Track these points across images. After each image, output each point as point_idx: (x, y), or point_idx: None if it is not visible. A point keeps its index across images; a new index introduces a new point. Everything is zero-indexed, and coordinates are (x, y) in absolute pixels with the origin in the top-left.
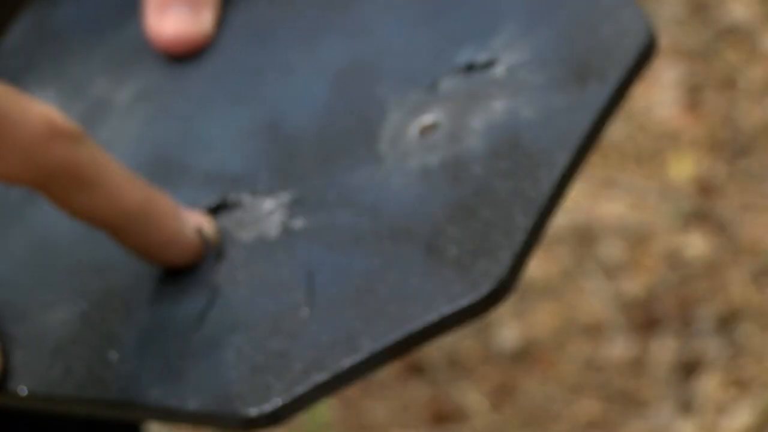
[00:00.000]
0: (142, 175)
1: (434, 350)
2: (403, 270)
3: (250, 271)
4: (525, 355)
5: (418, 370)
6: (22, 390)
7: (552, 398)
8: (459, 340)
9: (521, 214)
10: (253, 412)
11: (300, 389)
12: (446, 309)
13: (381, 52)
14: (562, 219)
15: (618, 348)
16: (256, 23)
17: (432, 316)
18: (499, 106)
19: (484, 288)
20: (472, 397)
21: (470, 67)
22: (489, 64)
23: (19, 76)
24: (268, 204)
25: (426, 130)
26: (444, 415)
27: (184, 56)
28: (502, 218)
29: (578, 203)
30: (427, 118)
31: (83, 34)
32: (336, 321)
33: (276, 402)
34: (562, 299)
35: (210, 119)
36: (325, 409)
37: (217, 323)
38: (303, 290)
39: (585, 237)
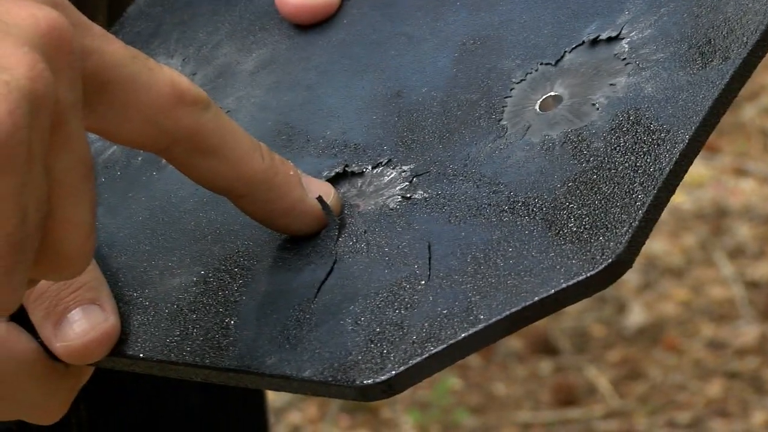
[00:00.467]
0: (265, 143)
1: (562, 330)
2: (522, 243)
3: (369, 241)
4: (651, 337)
5: (545, 349)
6: (138, 354)
7: (677, 383)
8: (587, 322)
9: (641, 190)
10: (369, 381)
11: (415, 360)
12: (563, 283)
13: (505, 25)
14: (690, 201)
15: (745, 331)
16: None
17: (549, 291)
18: (622, 82)
19: (602, 263)
20: (598, 381)
21: (595, 43)
22: (613, 40)
23: (145, 41)
24: (390, 175)
25: (548, 104)
26: (569, 396)
27: (310, 24)
28: (622, 194)
29: (707, 186)
30: (550, 92)
31: (211, 0)
32: (453, 292)
33: (391, 372)
34: (689, 282)
35: (333, 89)
36: (452, 378)
37: (335, 292)
38: (421, 261)
39: (714, 220)
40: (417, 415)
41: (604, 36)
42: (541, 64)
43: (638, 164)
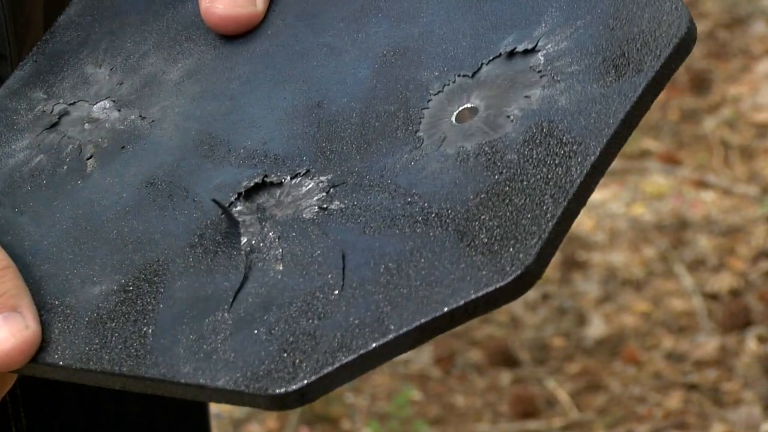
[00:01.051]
0: (188, 153)
1: (522, 342)
2: (434, 254)
3: (284, 249)
4: (611, 349)
5: (505, 361)
6: (58, 362)
7: (636, 395)
8: (547, 333)
9: (551, 202)
10: (281, 390)
11: (327, 369)
12: (473, 294)
13: (425, 36)
14: (651, 213)
15: (704, 344)
16: (306, 4)
17: (458, 301)
18: (536, 94)
19: (511, 274)
20: (557, 393)
21: (511, 55)
22: (530, 52)
23: (75, 50)
24: (307, 185)
25: (464, 116)
26: (528, 408)
27: (235, 35)
28: (533, 205)
29: (668, 198)
30: (466, 104)
31: (140, 10)
32: (365, 302)
33: (303, 381)
34: (649, 294)
35: (256, 99)
36: (411, 390)
37: (249, 301)
38: (335, 271)
39: (674, 232)
40: (376, 426)
41: (520, 48)
42: (459, 75)
43: (550, 176)
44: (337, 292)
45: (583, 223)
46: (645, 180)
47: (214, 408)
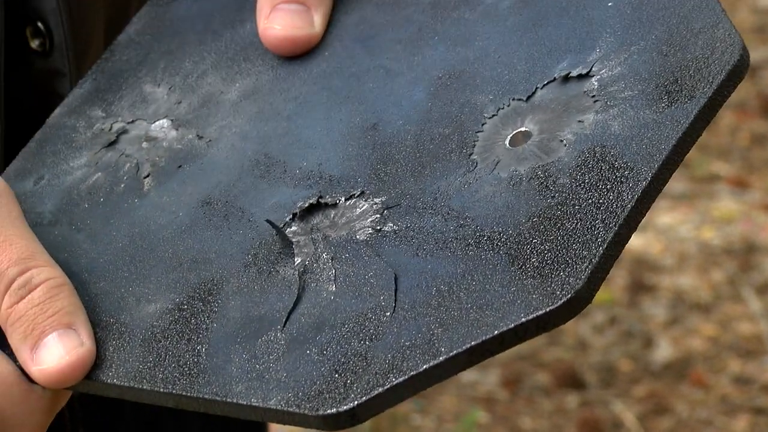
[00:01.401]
0: (244, 173)
1: (589, 365)
2: (485, 277)
3: (337, 270)
4: (678, 372)
5: (572, 384)
6: (112, 380)
7: (703, 418)
8: (614, 356)
9: (602, 227)
10: (332, 411)
11: (377, 390)
12: (523, 318)
13: (481, 60)
14: (720, 237)
15: None
16: (364, 26)
17: (509, 324)
18: (590, 119)
19: (561, 298)
20: (624, 415)
21: (566, 79)
22: (584, 77)
23: (134, 68)
24: (362, 207)
25: (518, 139)
26: (594, 431)
27: (293, 55)
28: (584, 230)
29: (737, 222)
30: (520, 128)
31: (199, 30)
32: (416, 324)
33: (353, 402)
34: (716, 317)
35: (312, 120)
36: (478, 411)
37: (302, 321)
38: (387, 293)
39: (743, 255)
40: None
41: (575, 73)
42: (513, 99)
43: (601, 201)
44: (389, 313)
45: (652, 246)
46: (714, 204)
47: (279, 427)
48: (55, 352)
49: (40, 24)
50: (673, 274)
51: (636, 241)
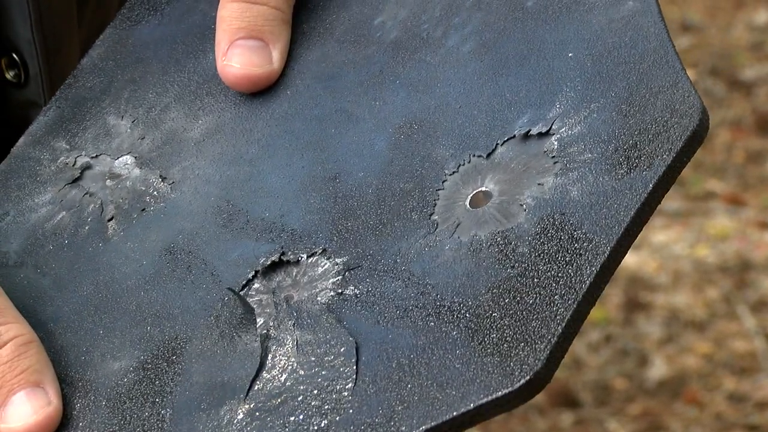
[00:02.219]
0: (207, 221)
1: (584, 383)
2: (445, 352)
3: (299, 336)
4: (673, 390)
5: (566, 402)
6: None
7: None
8: (609, 375)
9: (561, 303)
10: None
11: None
12: (483, 399)
13: (441, 109)
14: (714, 255)
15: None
16: (325, 65)
17: (468, 406)
18: (549, 182)
19: (520, 380)
20: None
21: (526, 137)
22: (544, 135)
23: (97, 97)
24: (324, 266)
25: (478, 200)
26: None
27: (253, 92)
28: (543, 306)
29: (732, 239)
30: (481, 187)
31: (162, 58)
32: (377, 400)
33: None
34: (711, 335)
35: (274, 166)
36: (473, 430)
37: (265, 391)
38: (349, 364)
39: (737, 273)
40: None
41: (535, 131)
42: (474, 156)
43: (560, 275)
44: (350, 386)
45: (646, 264)
46: (709, 221)
47: None
48: (23, 411)
49: (14, 55)
50: (667, 292)
51: (631, 259)
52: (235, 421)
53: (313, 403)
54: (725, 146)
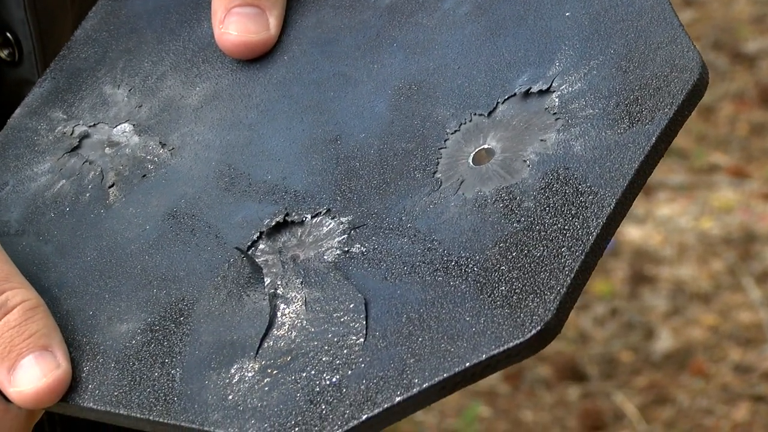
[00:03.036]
0: (209, 185)
1: (590, 357)
2: (455, 305)
3: (307, 296)
4: (679, 362)
5: (573, 376)
6: (88, 404)
7: (704, 407)
8: (615, 348)
9: (569, 255)
10: None
11: (352, 423)
12: (494, 350)
13: (440, 71)
14: (719, 227)
15: None
16: (322, 29)
17: (480, 357)
18: (552, 138)
19: (531, 330)
20: (625, 406)
21: (527, 95)
22: (544, 93)
23: (92, 68)
24: (328, 225)
25: (481, 157)
26: (596, 422)
27: (250, 59)
28: (551, 258)
29: (736, 211)
30: (483, 145)
31: (156, 27)
32: (389, 354)
33: None
34: (716, 307)
35: (274, 129)
36: (480, 406)
37: (275, 348)
38: (358, 319)
39: (742, 245)
40: None
41: (535, 88)
42: (475, 114)
43: (566, 227)
44: (361, 341)
45: (651, 237)
46: (713, 194)
47: None
48: (33, 374)
49: (8, 34)
50: (673, 264)
51: (636, 233)
52: (246, 379)
53: (323, 359)
54: (729, 119)
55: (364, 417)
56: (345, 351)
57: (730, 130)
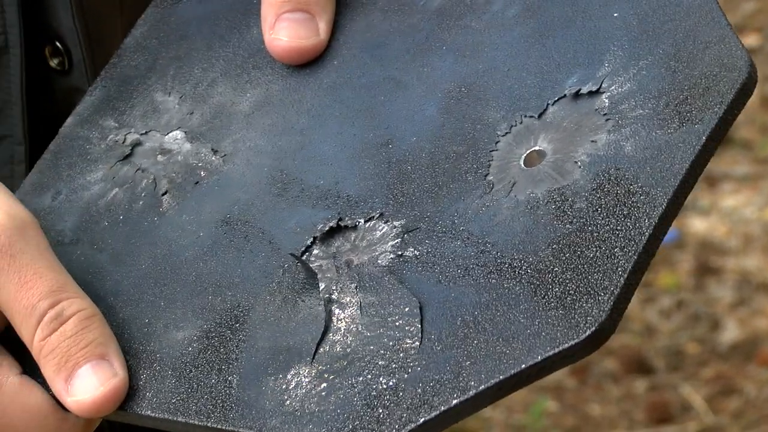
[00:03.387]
0: (262, 191)
1: (657, 349)
2: (509, 307)
3: (362, 299)
4: (745, 353)
5: (640, 369)
6: (146, 412)
7: None
8: (682, 340)
9: (622, 255)
10: None
11: (410, 426)
12: (549, 351)
13: (490, 73)
14: None
15: None
16: (370, 34)
17: (535, 359)
18: (602, 139)
19: (586, 331)
20: (692, 398)
21: (577, 96)
22: (594, 94)
23: (143, 75)
24: (381, 229)
25: (532, 159)
26: (663, 415)
27: (300, 64)
28: (604, 258)
29: None
30: (534, 146)
31: (206, 34)
32: (444, 357)
33: None
34: None
35: (326, 135)
36: (547, 401)
37: (331, 353)
38: (414, 323)
39: None
40: None
41: (585, 90)
42: (525, 116)
43: (619, 228)
44: (417, 344)
45: (716, 229)
46: None
47: None
48: (90, 383)
49: (58, 43)
50: (738, 255)
51: (700, 225)
52: (302, 384)
53: (380, 363)
54: None
55: (421, 420)
56: (401, 354)
57: None
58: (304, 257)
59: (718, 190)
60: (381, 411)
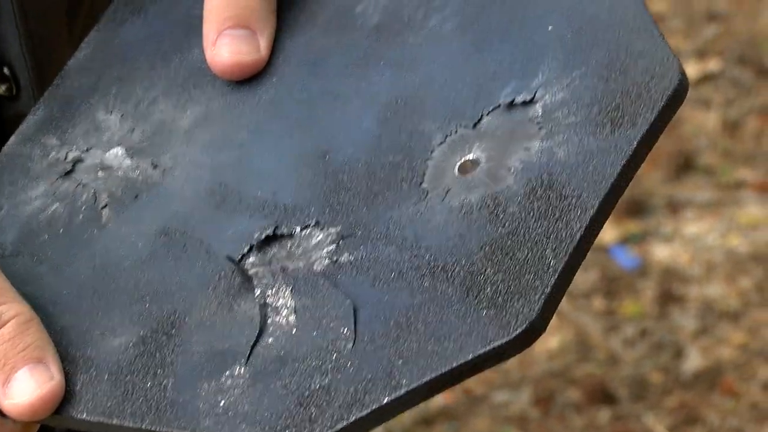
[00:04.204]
0: (200, 202)
1: (621, 379)
2: (442, 309)
3: (297, 304)
4: (709, 382)
5: (603, 399)
6: (82, 415)
7: (734, 427)
8: (645, 369)
9: (553, 256)
10: None
11: (342, 424)
12: (480, 349)
13: (427, 85)
14: (746, 244)
15: None
16: (310, 51)
17: (466, 356)
18: (536, 146)
19: (516, 329)
20: (656, 428)
21: (511, 106)
22: (528, 103)
23: (85, 94)
24: (317, 237)
25: (466, 167)
26: None
27: (241, 79)
28: (535, 259)
29: (763, 228)
30: (468, 155)
31: (149, 54)
32: (377, 357)
33: None
34: (746, 325)
35: (264, 148)
36: (511, 430)
37: (265, 355)
38: (347, 325)
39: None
40: None
41: (519, 99)
42: (460, 126)
43: (550, 230)
44: (350, 346)
45: (679, 256)
46: (740, 210)
47: None
48: (27, 387)
49: (6, 69)
50: (701, 283)
51: (663, 252)
52: (237, 385)
53: (313, 364)
54: (754, 134)
55: (352, 418)
56: (334, 355)
57: (756, 146)
58: (240, 264)
59: (681, 216)
60: (313, 410)
